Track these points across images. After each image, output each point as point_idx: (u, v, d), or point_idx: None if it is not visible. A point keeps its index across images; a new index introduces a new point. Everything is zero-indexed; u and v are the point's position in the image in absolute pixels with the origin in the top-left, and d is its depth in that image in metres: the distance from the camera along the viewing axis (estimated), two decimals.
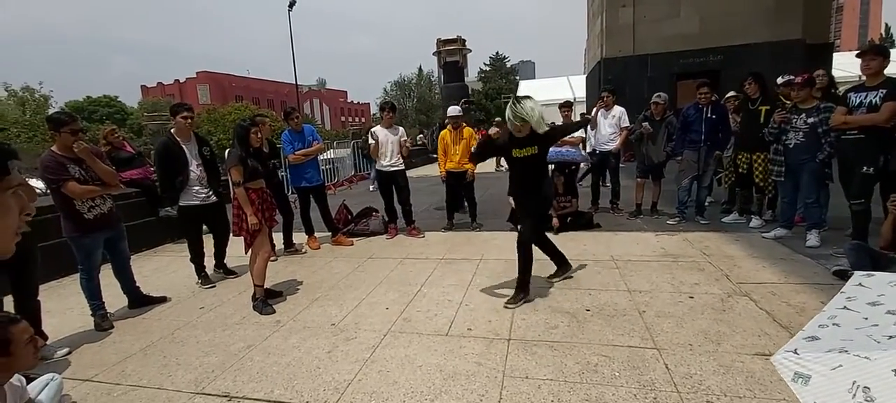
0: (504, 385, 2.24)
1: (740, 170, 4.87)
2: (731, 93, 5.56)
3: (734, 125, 5.07)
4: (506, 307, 3.13)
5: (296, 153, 5.06)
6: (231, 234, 3.71)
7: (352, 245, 5.27)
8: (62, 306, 3.95)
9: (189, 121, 4.12)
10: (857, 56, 3.51)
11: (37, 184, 4.68)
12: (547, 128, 3.23)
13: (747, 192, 5.04)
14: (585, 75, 20.57)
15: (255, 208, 3.42)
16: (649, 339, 2.58)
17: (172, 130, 4.11)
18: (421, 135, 21.26)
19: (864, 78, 3.54)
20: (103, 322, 3.41)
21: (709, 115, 4.92)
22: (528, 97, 3.20)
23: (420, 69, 54.52)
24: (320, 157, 12.04)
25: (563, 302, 3.19)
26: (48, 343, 3.09)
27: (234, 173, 3.32)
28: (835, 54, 14.71)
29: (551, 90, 21.81)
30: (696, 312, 2.89)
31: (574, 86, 22.30)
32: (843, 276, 3.18)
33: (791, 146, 4.02)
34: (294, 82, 29.70)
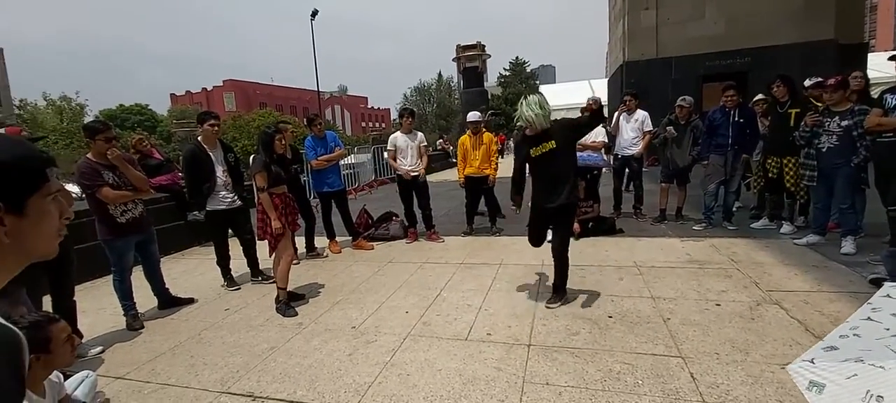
0: (524, 391, 2.22)
1: (770, 175, 4.72)
2: (759, 96, 5.41)
3: (762, 129, 4.92)
4: (547, 306, 3.18)
5: (318, 158, 5.16)
6: (256, 238, 3.78)
7: (372, 249, 5.33)
8: (96, 306, 4.11)
9: (215, 128, 4.25)
10: (891, 58, 3.37)
11: (73, 189, 4.90)
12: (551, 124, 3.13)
13: (777, 197, 4.88)
14: (607, 79, 20.32)
15: (279, 213, 3.50)
16: (674, 347, 2.52)
17: (199, 138, 4.25)
18: (440, 140, 21.34)
19: None
20: (134, 322, 3.53)
21: (736, 119, 4.79)
22: (536, 94, 3.18)
23: (440, 75, 54.89)
24: (341, 163, 12.34)
25: (585, 309, 3.15)
26: (83, 341, 3.22)
27: (258, 179, 3.41)
28: (869, 54, 14.12)
29: (572, 94, 21.57)
30: (723, 320, 2.81)
31: (595, 90, 21.98)
32: (880, 284, 3.04)
33: (824, 150, 3.88)
34: (316, 89, 30.25)
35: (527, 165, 3.27)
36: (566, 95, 21.37)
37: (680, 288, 3.38)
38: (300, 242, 5.19)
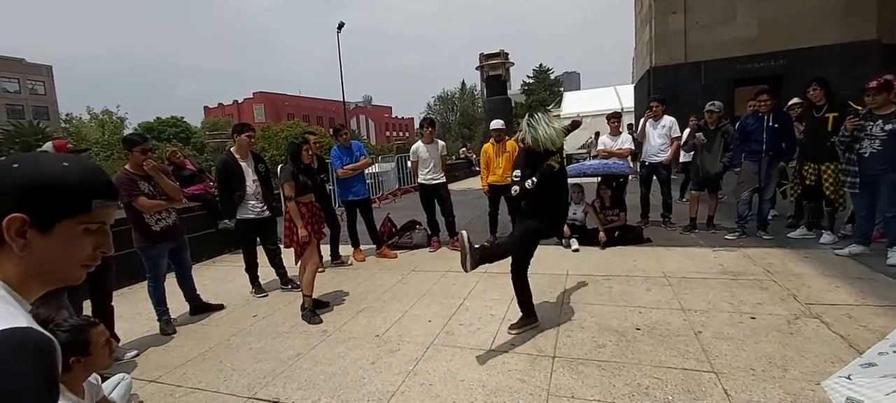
0: None
1: (807, 182, 4.51)
2: (795, 100, 5.20)
3: (798, 134, 4.72)
4: (509, 331, 3.01)
5: (344, 168, 5.25)
6: (282, 246, 3.85)
7: (396, 257, 5.36)
8: (132, 311, 4.28)
9: (252, 139, 4.40)
10: None
11: None
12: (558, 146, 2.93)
13: (816, 205, 4.66)
14: (634, 85, 19.95)
15: (305, 221, 3.57)
16: (706, 362, 2.42)
17: (231, 148, 4.39)
18: (463, 148, 21.37)
19: None
20: (167, 327, 3.66)
21: (770, 124, 4.61)
22: (540, 113, 2.98)
23: (463, 84, 55.06)
24: (365, 171, 12.53)
25: (611, 320, 3.07)
26: (119, 345, 3.36)
27: (286, 188, 3.50)
28: None
29: (597, 101, 21.31)
30: (758, 334, 2.68)
31: (621, 97, 21.66)
32: None
33: (866, 155, 3.68)
34: (342, 100, 30.88)
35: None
36: (591, 102, 21.13)
37: (712, 300, 3.26)
38: (325, 250, 5.29)
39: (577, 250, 4.84)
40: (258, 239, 4.53)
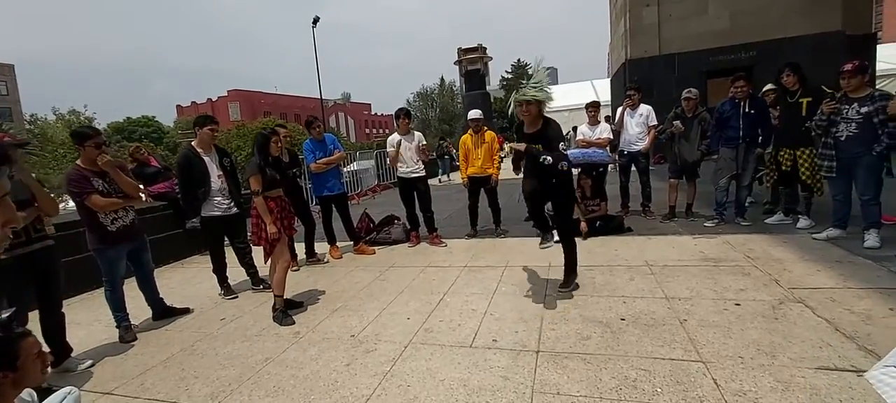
0: (533, 401, 2.06)
1: (783, 168, 4.53)
2: (769, 86, 5.23)
3: (773, 120, 4.73)
4: (559, 291, 3.28)
5: (317, 162, 5.03)
6: (251, 244, 3.64)
7: (374, 254, 5.19)
8: (90, 318, 4.00)
9: (215, 133, 4.15)
10: None
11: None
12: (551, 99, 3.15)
13: (792, 191, 4.69)
14: (610, 78, 20.15)
15: (274, 217, 3.37)
16: (693, 351, 2.35)
17: (193, 142, 4.14)
18: (436, 147, 21.21)
19: None
20: (127, 334, 3.41)
21: (747, 110, 4.61)
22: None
23: (442, 79, 54.82)
24: (345, 169, 12.26)
25: (596, 311, 2.98)
26: (73, 355, 3.10)
27: (252, 182, 3.29)
28: (877, 46, 13.86)
29: (575, 95, 21.47)
30: (744, 321, 2.63)
31: (598, 91, 21.89)
32: None
33: (843, 139, 3.69)
34: (319, 97, 30.27)
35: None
36: (569, 96, 21.25)
37: (695, 288, 3.21)
38: (300, 248, 5.08)
39: (558, 241, 4.76)
40: (226, 237, 4.29)
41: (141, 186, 6.24)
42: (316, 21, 26.90)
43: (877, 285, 2.93)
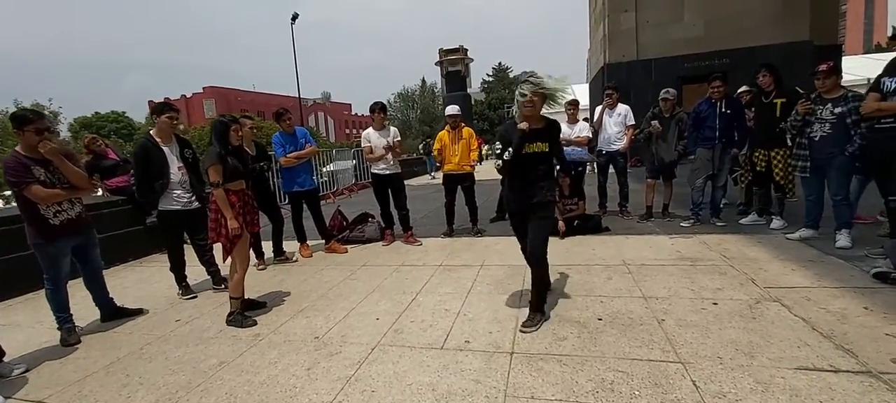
0: None
1: (758, 168, 4.55)
2: (744, 88, 5.27)
3: (748, 121, 4.76)
4: (522, 331, 2.62)
5: (288, 155, 4.81)
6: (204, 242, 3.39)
7: (346, 252, 4.99)
8: (32, 319, 3.69)
9: (174, 122, 3.89)
10: (892, 38, 3.21)
11: None
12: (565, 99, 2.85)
13: (765, 192, 4.72)
14: (589, 82, 20.38)
15: (236, 212, 3.13)
16: (671, 352, 2.26)
17: (152, 131, 3.88)
18: (423, 144, 21.06)
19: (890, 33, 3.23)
20: (69, 336, 3.14)
21: (723, 110, 4.62)
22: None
23: (423, 81, 54.74)
24: (324, 169, 11.95)
25: (572, 311, 2.88)
26: (7, 360, 2.82)
27: (211, 173, 3.04)
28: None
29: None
30: (722, 320, 2.57)
31: (577, 94, 22.06)
32: (885, 279, 2.87)
33: (816, 139, 3.71)
34: (297, 96, 29.71)
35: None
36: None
37: (673, 287, 3.14)
38: (267, 246, 4.84)
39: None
40: (186, 233, 4.03)
41: (96, 179, 5.89)
42: (295, 18, 26.40)
43: (850, 284, 2.92)
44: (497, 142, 2.71)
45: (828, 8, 13.30)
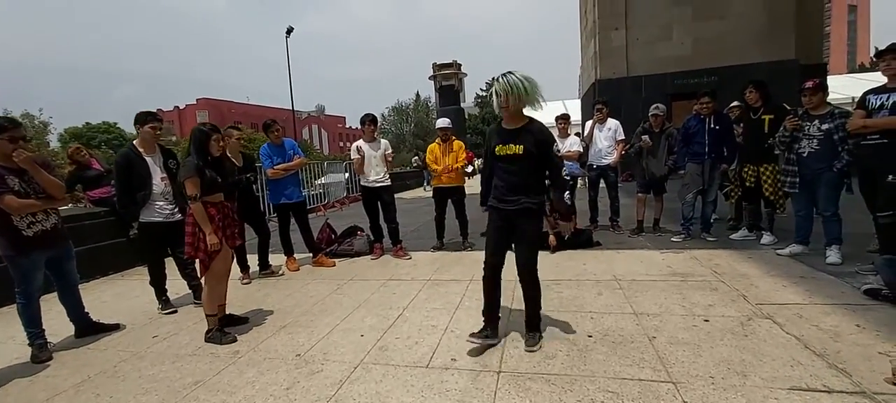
0: None
1: (747, 184, 4.56)
2: (735, 103, 5.32)
3: (737, 136, 4.78)
4: (527, 351, 2.51)
5: (275, 167, 4.74)
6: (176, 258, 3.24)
7: (333, 266, 4.89)
8: (4, 334, 3.54)
9: (157, 132, 3.81)
10: (876, 56, 3.25)
11: None
12: (542, 107, 2.52)
13: (755, 207, 4.72)
14: (580, 97, 20.59)
15: (216, 226, 3.03)
16: (663, 371, 2.20)
17: (135, 142, 3.79)
18: (416, 158, 21.08)
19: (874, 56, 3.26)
20: (41, 353, 3.00)
21: (712, 126, 4.65)
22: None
23: (417, 95, 54.94)
24: (317, 182, 11.84)
25: (562, 328, 2.81)
26: None
27: (188, 186, 2.92)
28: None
29: (547, 112, 21.77)
30: (714, 338, 2.51)
31: (569, 109, 22.27)
32: (876, 296, 2.85)
33: (805, 155, 3.72)
34: (291, 108, 29.67)
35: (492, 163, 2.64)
36: (541, 114, 21.56)
37: (664, 303, 3.09)
38: (253, 260, 4.73)
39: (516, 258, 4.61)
40: (168, 247, 3.92)
41: (79, 191, 5.76)
42: (289, 31, 26.52)
43: (842, 301, 2.89)
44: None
45: (812, 28, 13.63)
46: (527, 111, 2.58)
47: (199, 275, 3.11)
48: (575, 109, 20.96)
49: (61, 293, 3.32)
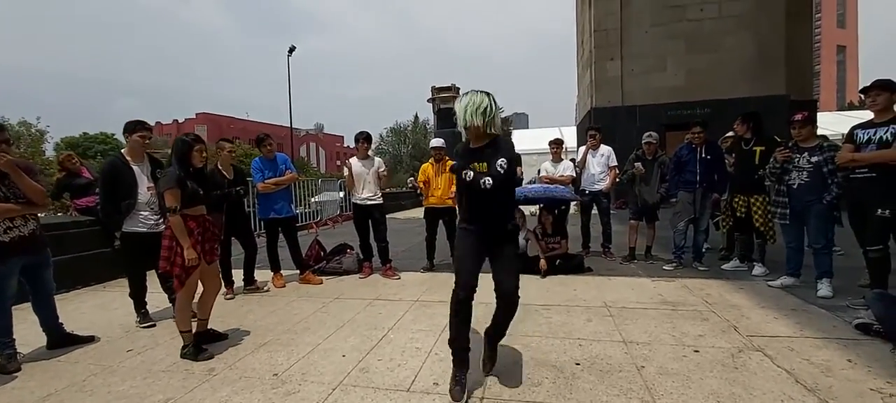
0: None
1: (738, 214, 4.56)
2: (729, 134, 5.37)
3: (728, 167, 4.81)
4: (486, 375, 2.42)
5: (266, 181, 4.69)
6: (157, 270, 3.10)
7: (321, 283, 4.80)
8: None
9: (146, 140, 3.78)
10: (862, 92, 3.29)
11: None
12: (497, 132, 2.39)
13: (747, 238, 4.71)
14: (576, 125, 20.83)
15: (194, 240, 2.94)
16: (651, 402, 2.13)
17: (123, 150, 3.75)
18: (411, 179, 21.07)
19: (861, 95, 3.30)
20: (9, 363, 2.88)
21: (703, 155, 4.68)
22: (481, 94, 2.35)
23: (416, 117, 55.37)
24: (313, 199, 11.75)
25: (549, 353, 2.74)
26: None
27: (168, 197, 2.84)
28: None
29: (544, 139, 21.99)
30: (703, 369, 2.45)
31: (565, 136, 22.53)
32: (867, 330, 2.81)
33: (795, 186, 3.73)
34: (289, 126, 29.84)
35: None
36: (538, 141, 21.80)
37: (653, 332, 3.03)
38: (239, 275, 4.64)
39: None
40: (150, 258, 3.83)
41: (66, 198, 5.68)
42: (292, 50, 26.89)
43: (833, 335, 2.85)
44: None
45: (802, 65, 13.94)
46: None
47: (176, 291, 3.00)
48: (571, 136, 21.21)
49: (36, 301, 3.21)
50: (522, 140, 23.84)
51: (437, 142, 5.16)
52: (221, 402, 2.31)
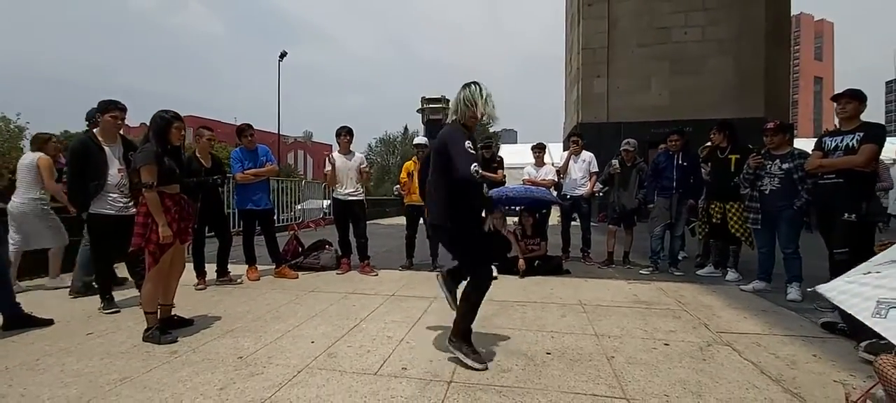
0: None
1: (714, 220, 4.63)
2: (708, 143, 5.48)
3: (704, 174, 4.91)
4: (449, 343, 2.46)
5: (245, 172, 4.62)
6: (129, 248, 3.03)
7: (296, 278, 4.71)
8: None
9: (118, 121, 3.68)
10: (832, 99, 3.40)
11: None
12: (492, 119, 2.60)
13: (722, 244, 4.79)
14: (563, 140, 21.11)
15: (170, 217, 2.90)
16: (617, 388, 2.12)
17: (95, 130, 3.67)
18: (398, 186, 21.00)
19: (837, 123, 3.42)
20: None
21: (680, 162, 4.77)
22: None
23: (405, 128, 55.41)
24: (298, 206, 11.58)
25: (520, 344, 2.72)
26: None
27: (144, 173, 2.80)
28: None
29: (530, 154, 22.22)
30: (672, 360, 2.46)
31: (552, 152, 22.79)
32: (832, 329, 2.86)
33: (767, 192, 3.82)
34: (277, 131, 29.63)
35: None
36: (525, 155, 22.01)
37: (626, 327, 3.04)
38: (211, 267, 4.53)
39: (495, 278, 4.54)
40: (117, 243, 3.72)
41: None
42: (283, 56, 26.86)
43: (800, 333, 2.89)
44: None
45: (779, 91, 14.42)
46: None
47: (147, 269, 2.92)
48: (557, 151, 21.45)
49: None
50: (512, 155, 24.06)
51: (420, 139, 5.16)
52: (180, 381, 2.22)
